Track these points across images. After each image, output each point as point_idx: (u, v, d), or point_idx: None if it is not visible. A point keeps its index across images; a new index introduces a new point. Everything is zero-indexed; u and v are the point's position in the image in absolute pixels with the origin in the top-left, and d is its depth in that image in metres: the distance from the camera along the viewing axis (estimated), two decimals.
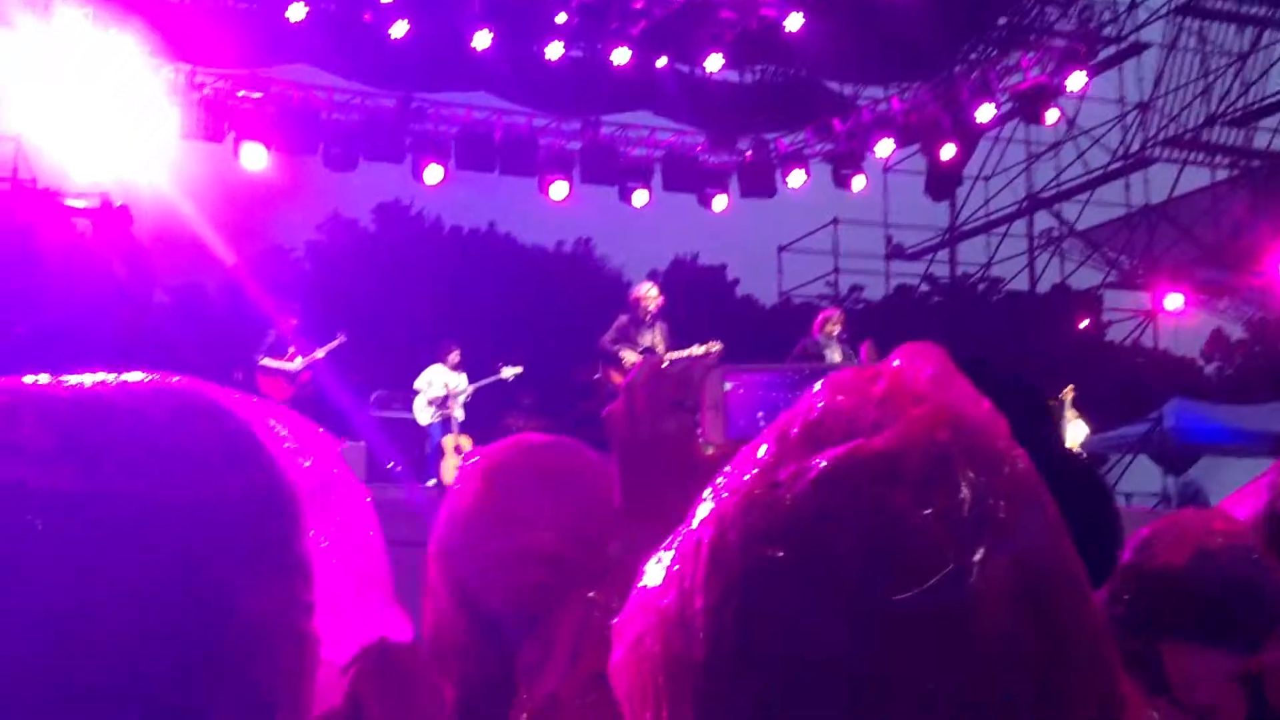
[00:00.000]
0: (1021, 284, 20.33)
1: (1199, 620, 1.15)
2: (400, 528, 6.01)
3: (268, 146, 13.66)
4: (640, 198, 15.99)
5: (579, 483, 1.17)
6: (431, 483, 10.29)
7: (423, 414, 10.78)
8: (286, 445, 0.69)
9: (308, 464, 0.70)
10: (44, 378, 0.63)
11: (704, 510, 0.61)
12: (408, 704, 0.73)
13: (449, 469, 10.02)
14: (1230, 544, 1.19)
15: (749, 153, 16.68)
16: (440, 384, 10.74)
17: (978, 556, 0.53)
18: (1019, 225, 19.69)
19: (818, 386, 0.64)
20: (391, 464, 11.08)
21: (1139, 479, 18.68)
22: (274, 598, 0.62)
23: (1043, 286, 20.12)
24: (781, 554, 0.54)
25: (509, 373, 10.67)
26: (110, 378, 0.65)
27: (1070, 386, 11.73)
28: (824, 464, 0.56)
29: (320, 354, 10.63)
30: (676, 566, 0.59)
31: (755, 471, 0.59)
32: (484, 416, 11.76)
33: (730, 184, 16.60)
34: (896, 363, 0.61)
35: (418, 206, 29.57)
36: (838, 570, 0.53)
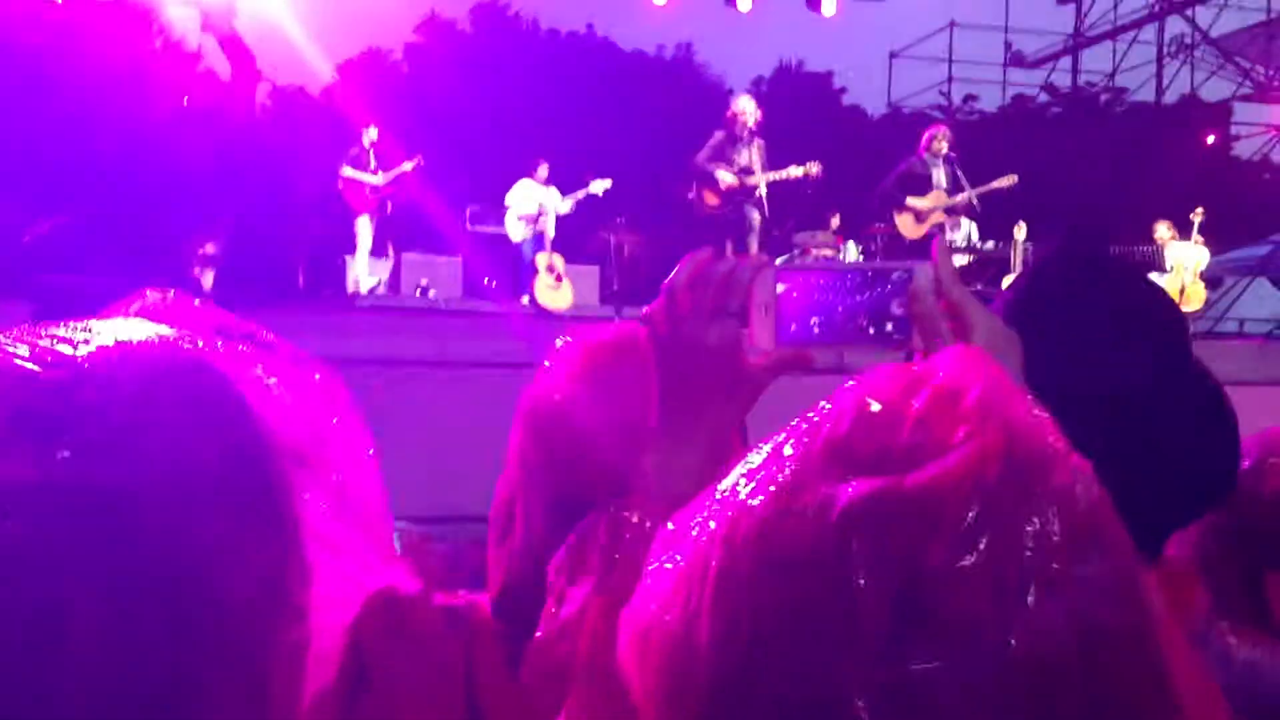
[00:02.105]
0: (1147, 95, 19.21)
1: None
2: (495, 344, 6.06)
3: None
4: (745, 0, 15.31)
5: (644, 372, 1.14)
6: (525, 300, 10.37)
7: (515, 230, 10.77)
8: (276, 397, 0.63)
9: (300, 417, 0.64)
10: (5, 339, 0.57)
11: (713, 522, 0.54)
12: (418, 661, 0.70)
13: (541, 288, 10.06)
14: None
15: None
16: (532, 200, 10.67)
17: (1024, 616, 0.46)
18: (1148, 31, 18.43)
19: (848, 385, 0.55)
20: (487, 279, 11.18)
21: (1255, 304, 17.98)
22: (264, 573, 0.58)
23: (1170, 98, 19.00)
24: (797, 595, 0.48)
25: (598, 186, 10.52)
26: (82, 334, 0.59)
27: (1199, 209, 11.16)
28: (850, 499, 0.49)
29: (403, 169, 10.63)
30: (683, 580, 0.53)
31: (771, 491, 0.52)
32: (579, 233, 11.72)
33: None
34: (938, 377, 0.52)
35: (515, 8, 28.90)
36: (859, 623, 0.47)
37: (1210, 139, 17.65)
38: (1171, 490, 0.95)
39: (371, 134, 10.70)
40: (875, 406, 0.53)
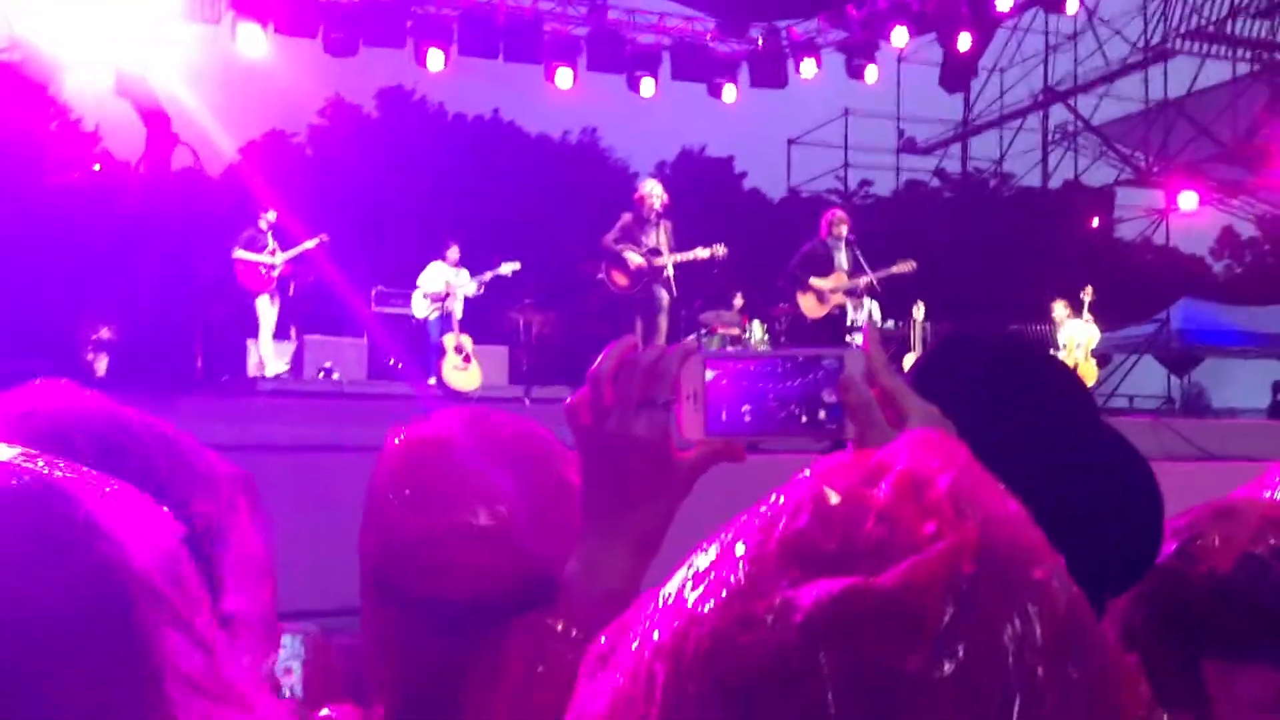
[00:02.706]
0: (1034, 180, 20.02)
1: (1245, 637, 1.06)
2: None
3: (265, 28, 13.28)
4: (648, 87, 15.60)
5: (523, 454, 1.07)
6: (432, 381, 10.24)
7: (420, 309, 10.67)
8: (133, 522, 0.58)
9: (165, 539, 0.59)
10: None
11: (656, 632, 0.49)
12: None
13: (448, 368, 9.95)
14: None
15: (760, 41, 16.22)
16: (440, 280, 10.61)
17: None
18: (1033, 119, 19.29)
19: (803, 476, 0.51)
20: (393, 361, 11.03)
21: (1144, 381, 18.64)
22: (128, 705, 0.53)
23: (1055, 183, 19.82)
24: (756, 717, 0.43)
25: (508, 268, 10.51)
26: None
27: (1089, 288, 11.58)
28: (814, 604, 0.44)
29: (306, 246, 10.48)
30: (624, 696, 0.48)
31: (723, 596, 0.47)
32: (487, 314, 11.66)
33: (740, 74, 16.18)
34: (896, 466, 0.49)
35: (421, 92, 29.03)
36: None
37: (1095, 222, 18.38)
38: (1093, 567, 0.94)
39: (270, 216, 10.54)
40: (834, 498, 0.49)
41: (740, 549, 0.49)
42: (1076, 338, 11.56)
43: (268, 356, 10.46)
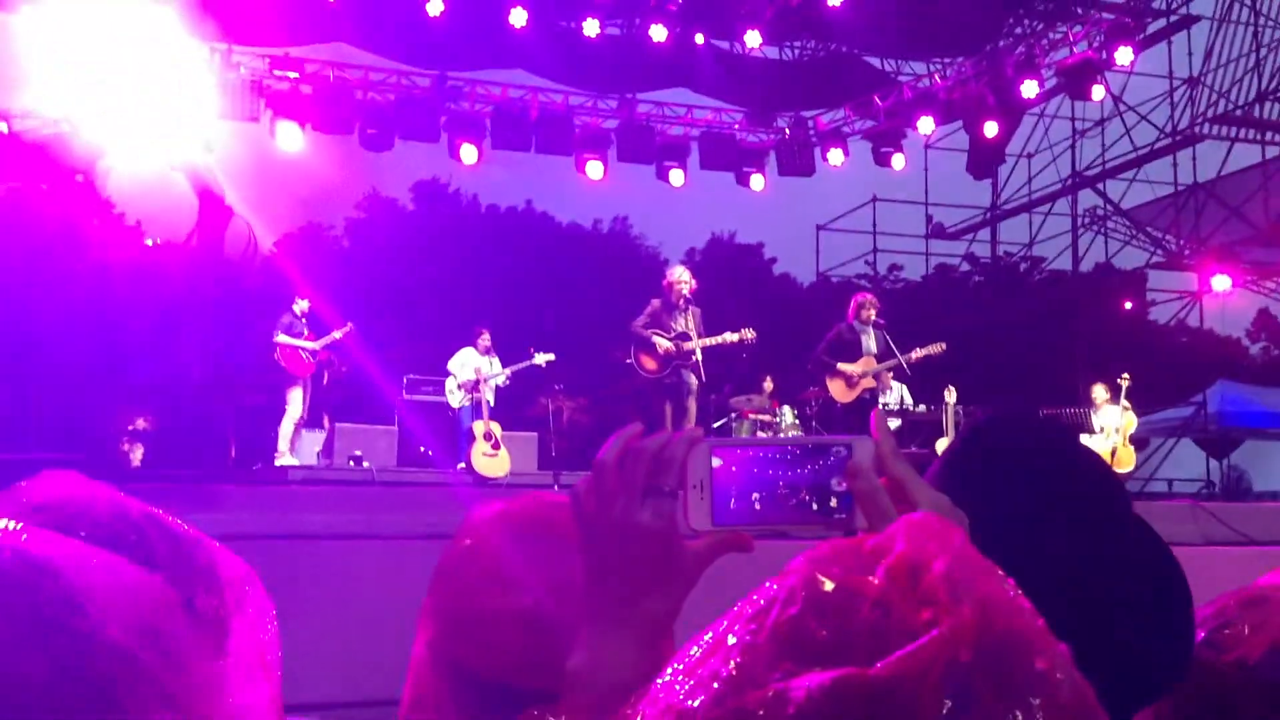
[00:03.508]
0: (1064, 264, 19.96)
1: None
2: (429, 515, 5.89)
3: (303, 126, 13.63)
4: (677, 177, 15.83)
5: (565, 543, 1.07)
6: (461, 467, 10.24)
7: (454, 398, 10.73)
8: (120, 598, 0.58)
9: (153, 618, 0.59)
10: None
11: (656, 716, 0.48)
12: None
13: (477, 455, 9.96)
14: None
15: (787, 130, 16.45)
16: (471, 368, 10.68)
17: None
18: (1062, 204, 19.28)
19: (797, 564, 0.50)
20: (423, 448, 11.05)
21: (1182, 465, 18.34)
22: None
23: (1086, 266, 19.75)
24: None
25: (541, 359, 10.56)
26: None
27: (1126, 375, 11.46)
28: (805, 697, 0.43)
29: (335, 336, 10.64)
30: None
31: (715, 688, 0.46)
32: (516, 400, 11.69)
33: (768, 162, 16.39)
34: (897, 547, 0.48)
35: (455, 185, 29.60)
36: None
37: (1128, 305, 18.29)
38: (1128, 672, 0.90)
39: (302, 304, 10.70)
40: (828, 585, 0.48)
41: (732, 639, 0.48)
42: (1114, 423, 11.42)
43: (284, 446, 10.48)
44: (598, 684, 0.81)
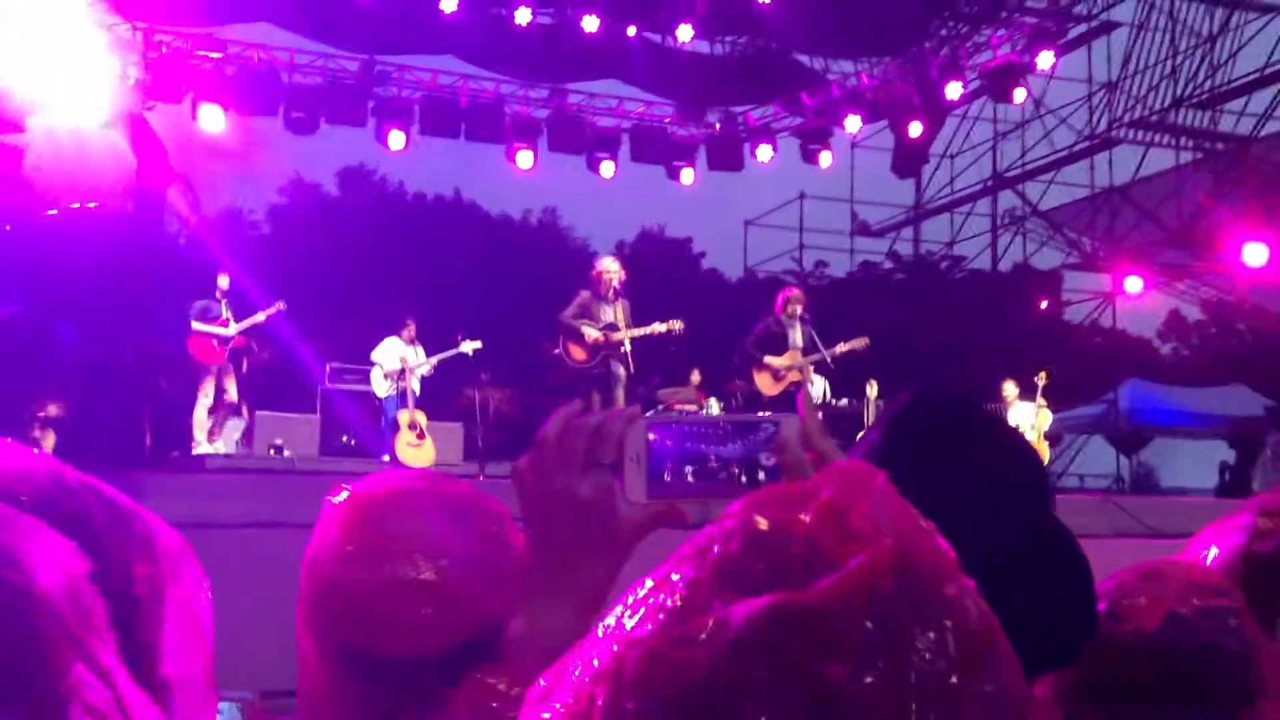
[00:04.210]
0: (984, 263, 20.44)
1: (1170, 693, 1.07)
2: None
3: (226, 108, 13.37)
4: (608, 168, 15.86)
5: (468, 513, 1.08)
6: (385, 458, 10.15)
7: (379, 387, 10.62)
8: (46, 551, 0.58)
9: (79, 580, 0.59)
10: None
11: (596, 660, 0.51)
12: None
13: (402, 445, 9.89)
14: (1208, 606, 1.10)
15: (717, 126, 16.58)
16: (396, 357, 10.58)
17: None
18: (983, 204, 19.76)
19: (735, 509, 0.54)
20: (346, 438, 10.94)
21: (1093, 460, 18.89)
22: None
23: (1004, 266, 20.23)
24: None
25: (469, 347, 10.52)
26: None
27: (1043, 373, 11.74)
28: (744, 620, 0.46)
29: (259, 319, 10.38)
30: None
31: (660, 619, 0.49)
32: (443, 390, 11.62)
33: (698, 157, 16.51)
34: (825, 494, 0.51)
35: (382, 171, 29.26)
36: None
37: (1044, 304, 18.76)
38: (1030, 642, 0.94)
39: (223, 282, 10.43)
40: (764, 525, 0.51)
41: (676, 576, 0.52)
42: (1029, 419, 11.69)
43: (200, 435, 10.26)
44: (537, 649, 0.83)
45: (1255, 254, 13.83)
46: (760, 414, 0.93)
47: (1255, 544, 1.38)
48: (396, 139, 14.42)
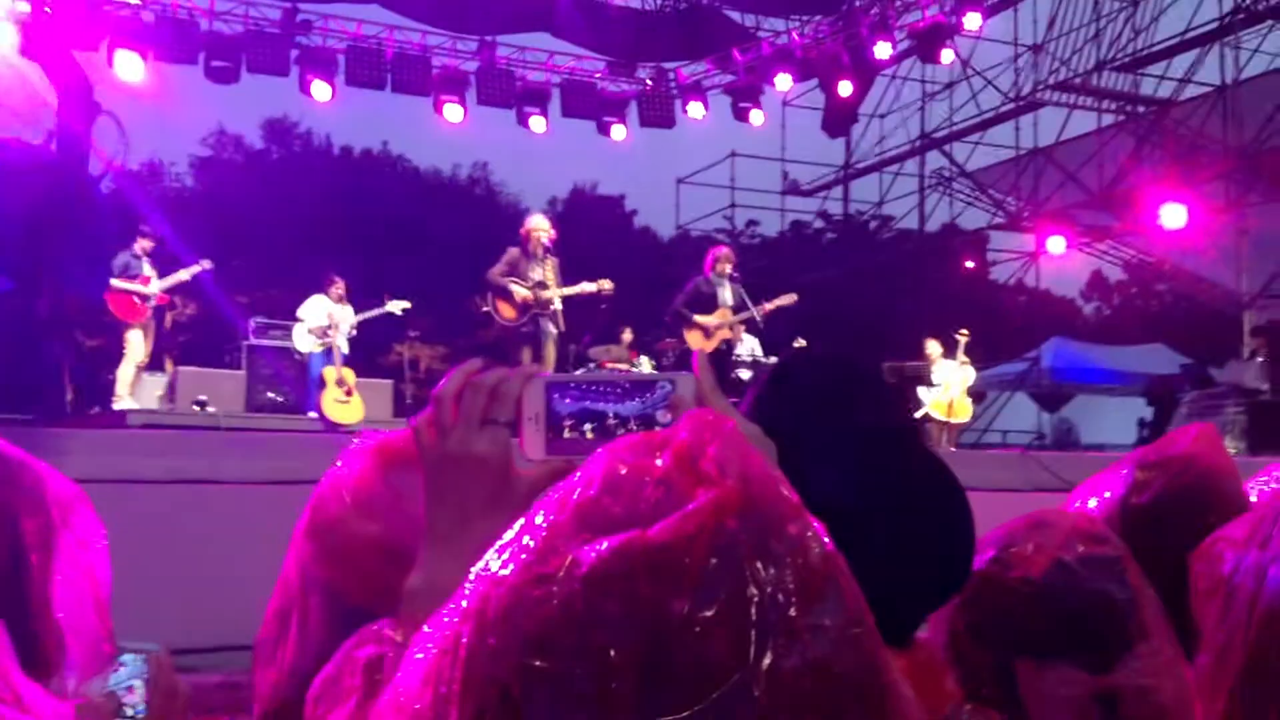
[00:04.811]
0: (912, 223, 20.66)
1: (1055, 636, 1.12)
2: (274, 460, 5.78)
3: (144, 56, 12.99)
4: (538, 123, 15.72)
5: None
6: (312, 415, 10.04)
7: (303, 343, 10.46)
8: None
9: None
10: None
11: (464, 600, 0.53)
12: None
13: (329, 402, 9.79)
14: (1092, 554, 1.15)
15: (649, 82, 16.49)
16: (323, 314, 10.44)
17: (765, 665, 0.47)
18: (911, 164, 19.92)
19: (598, 454, 0.57)
20: (271, 394, 10.79)
21: (1016, 417, 19.30)
22: None
23: (932, 226, 20.48)
24: (546, 665, 0.48)
25: (395, 306, 10.40)
26: None
27: (964, 331, 11.96)
28: (596, 557, 0.49)
29: (182, 277, 10.17)
30: (434, 665, 0.52)
31: (522, 560, 0.52)
32: (371, 348, 11.50)
33: (629, 113, 16.42)
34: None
35: (306, 124, 28.67)
36: (608, 686, 0.47)
37: (970, 264, 19.06)
38: (913, 580, 0.99)
39: (144, 244, 10.20)
40: (623, 470, 0.54)
41: (540, 519, 0.55)
42: (952, 376, 11.93)
43: (123, 391, 10.07)
44: (432, 604, 0.85)
45: (1174, 215, 14.16)
46: (657, 373, 0.95)
47: (1133, 496, 1.45)
48: (321, 90, 14.15)
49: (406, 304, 10.41)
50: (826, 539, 0.52)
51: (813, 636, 0.49)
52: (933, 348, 12.13)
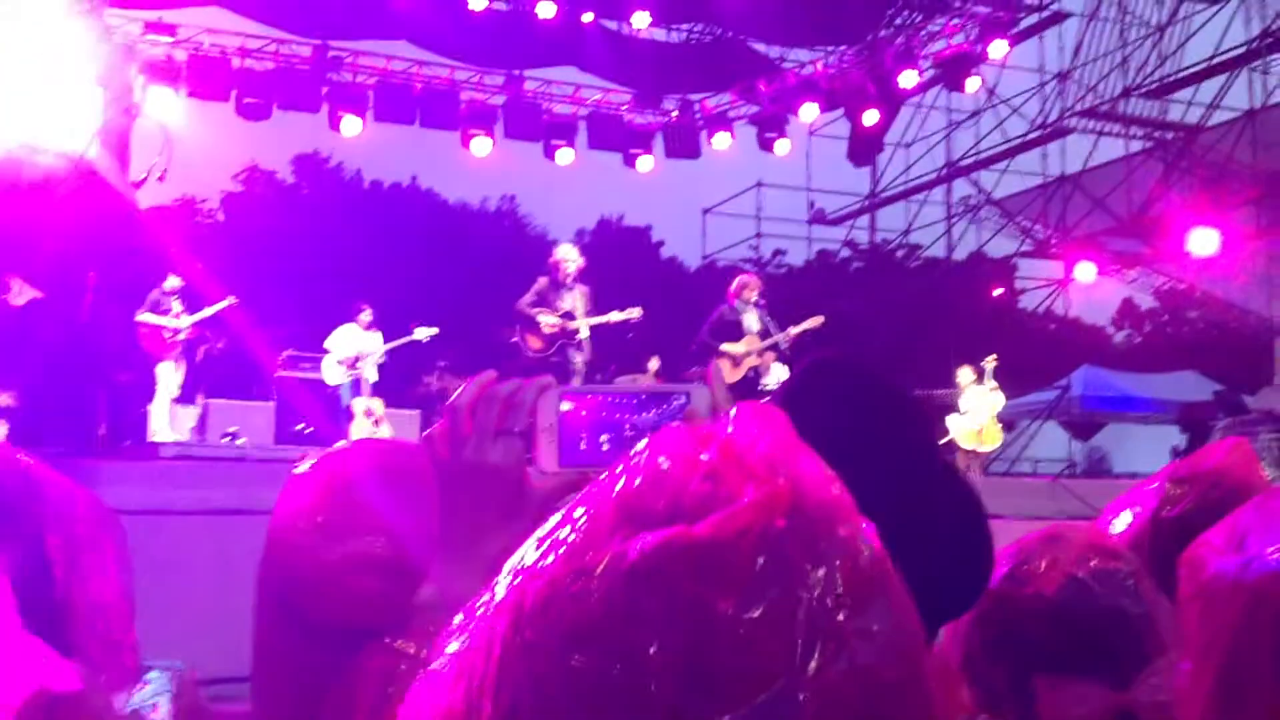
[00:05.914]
0: (939, 251, 20.60)
1: (1070, 653, 1.11)
2: None
3: (177, 92, 13.19)
4: (565, 156, 15.81)
5: (424, 487, 1.10)
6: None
7: (332, 374, 10.53)
8: None
9: None
10: None
11: (500, 593, 0.52)
12: None
13: (358, 432, 9.83)
14: (1106, 569, 1.14)
15: (675, 113, 16.57)
16: (351, 344, 10.50)
17: (811, 670, 0.46)
18: (938, 193, 19.91)
19: (640, 447, 0.55)
20: (300, 426, 10.85)
21: (1046, 445, 19.12)
22: None
23: (959, 254, 20.41)
24: (583, 661, 0.46)
25: (423, 334, 10.45)
26: None
27: (992, 356, 11.88)
28: (639, 552, 0.48)
29: (206, 314, 10.28)
30: (467, 659, 0.51)
31: (561, 553, 0.51)
32: (400, 378, 11.55)
33: (655, 145, 16.49)
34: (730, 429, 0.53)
35: (337, 159, 28.96)
36: (646, 685, 0.46)
37: (998, 292, 18.94)
38: (929, 592, 0.97)
39: (173, 282, 10.33)
40: (666, 463, 0.53)
41: (579, 513, 0.53)
42: (981, 403, 11.83)
43: (161, 425, 10.16)
44: (444, 613, 0.85)
45: (1204, 241, 14.04)
46: (672, 384, 0.95)
47: (1164, 510, 1.43)
48: (351, 125, 14.30)
49: (434, 330, 10.46)
50: (878, 542, 0.51)
51: (861, 642, 0.47)
52: (964, 375, 12.05)
